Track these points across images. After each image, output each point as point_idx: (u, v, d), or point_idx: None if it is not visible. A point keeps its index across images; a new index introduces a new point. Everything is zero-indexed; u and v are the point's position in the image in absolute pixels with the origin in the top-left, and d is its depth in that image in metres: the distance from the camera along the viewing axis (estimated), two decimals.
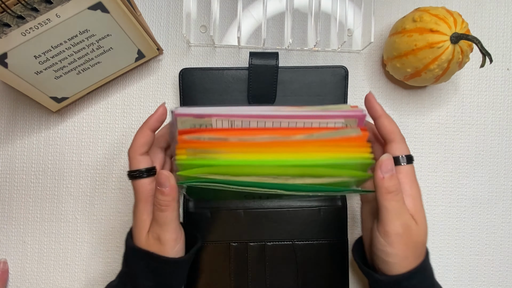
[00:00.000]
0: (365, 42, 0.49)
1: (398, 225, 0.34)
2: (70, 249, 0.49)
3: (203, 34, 0.49)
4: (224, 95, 0.47)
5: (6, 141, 0.49)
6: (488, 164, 0.51)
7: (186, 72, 0.46)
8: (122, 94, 0.49)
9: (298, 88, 0.47)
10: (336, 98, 0.47)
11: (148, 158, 0.37)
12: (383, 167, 0.34)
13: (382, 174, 0.34)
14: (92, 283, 0.49)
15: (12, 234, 0.49)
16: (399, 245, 0.34)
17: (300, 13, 0.50)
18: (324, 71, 0.47)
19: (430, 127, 0.51)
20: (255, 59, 0.46)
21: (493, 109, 0.51)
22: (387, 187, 0.34)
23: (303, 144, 0.34)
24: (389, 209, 0.34)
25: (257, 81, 0.46)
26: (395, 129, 0.37)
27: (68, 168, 0.49)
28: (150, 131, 0.36)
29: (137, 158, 0.36)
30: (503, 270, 0.51)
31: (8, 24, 0.36)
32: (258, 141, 0.33)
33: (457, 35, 0.40)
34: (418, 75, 0.44)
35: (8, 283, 0.48)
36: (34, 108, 0.49)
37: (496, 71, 0.51)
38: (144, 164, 0.36)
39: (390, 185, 0.34)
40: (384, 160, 0.35)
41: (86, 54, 0.42)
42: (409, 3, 0.51)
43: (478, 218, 0.51)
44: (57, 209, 0.49)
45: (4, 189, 0.49)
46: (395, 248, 0.34)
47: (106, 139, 0.49)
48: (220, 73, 0.47)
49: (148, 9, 0.49)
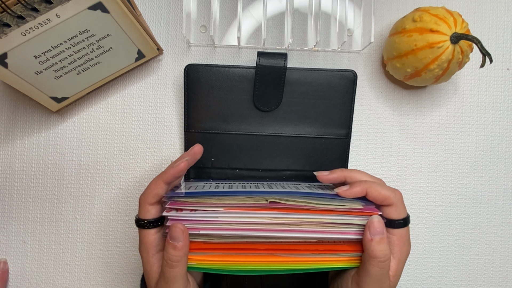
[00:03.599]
0: (365, 42, 0.49)
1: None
2: (70, 249, 0.49)
3: (203, 34, 0.49)
4: (229, 93, 0.46)
5: (6, 141, 0.49)
6: (488, 164, 0.51)
7: (191, 68, 0.46)
8: (122, 94, 0.49)
9: (305, 90, 0.46)
10: (343, 102, 0.46)
11: (157, 208, 0.36)
12: (371, 229, 0.33)
13: (371, 236, 0.33)
14: (92, 283, 0.49)
15: (12, 234, 0.49)
16: None
17: (300, 13, 0.50)
18: (332, 74, 0.46)
19: (430, 127, 0.51)
20: (263, 59, 0.45)
21: (493, 109, 0.51)
22: (373, 251, 0.32)
23: (300, 261, 0.35)
24: (370, 274, 0.33)
25: (263, 81, 0.46)
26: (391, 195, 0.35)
27: (68, 168, 0.49)
28: (164, 184, 0.35)
29: (146, 207, 0.35)
30: (503, 270, 0.51)
31: (8, 24, 0.36)
32: (256, 256, 0.34)
33: (457, 35, 0.40)
34: (418, 75, 0.44)
35: (8, 283, 0.48)
36: (34, 108, 0.49)
37: (496, 71, 0.51)
38: (152, 214, 0.35)
39: (377, 249, 0.32)
40: (374, 222, 0.33)
41: (86, 54, 0.42)
42: (409, 3, 0.51)
43: (478, 218, 0.51)
44: (57, 209, 0.49)
45: (4, 189, 0.49)
46: None
47: (106, 139, 0.49)
48: (226, 70, 0.46)
49: (148, 9, 0.49)
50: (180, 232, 0.32)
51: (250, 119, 0.46)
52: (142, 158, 0.49)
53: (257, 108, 0.46)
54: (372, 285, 0.33)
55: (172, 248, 0.32)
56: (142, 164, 0.49)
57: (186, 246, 0.33)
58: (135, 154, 0.49)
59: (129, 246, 0.49)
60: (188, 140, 0.47)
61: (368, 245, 0.33)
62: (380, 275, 0.33)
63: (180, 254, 0.32)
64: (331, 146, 0.47)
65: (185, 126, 0.47)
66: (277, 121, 0.47)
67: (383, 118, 0.50)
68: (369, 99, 0.50)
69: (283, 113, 0.46)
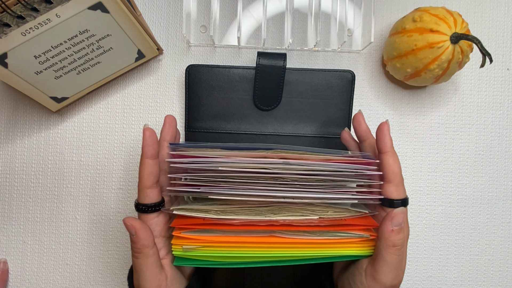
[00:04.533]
0: (365, 42, 0.49)
1: (391, 278, 0.34)
2: (70, 249, 0.49)
3: (203, 34, 0.49)
4: (230, 93, 0.46)
5: (6, 141, 0.49)
6: (488, 164, 0.51)
7: (192, 68, 0.46)
8: (122, 94, 0.49)
9: (304, 90, 0.47)
10: (342, 102, 0.47)
11: (156, 191, 0.35)
12: (394, 220, 0.33)
13: (392, 226, 0.33)
14: (92, 283, 0.49)
15: (12, 234, 0.49)
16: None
17: (300, 13, 0.50)
18: (331, 74, 0.47)
19: (430, 127, 0.51)
20: (262, 59, 0.46)
21: (493, 109, 0.51)
22: (393, 240, 0.33)
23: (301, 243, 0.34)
24: (388, 262, 0.33)
25: (263, 81, 0.46)
26: (397, 170, 0.35)
27: (68, 168, 0.49)
28: (149, 159, 0.34)
29: (145, 191, 0.35)
30: (503, 270, 0.51)
31: (8, 24, 0.36)
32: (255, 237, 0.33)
33: (457, 35, 0.40)
34: (418, 75, 0.44)
35: (8, 283, 0.48)
36: (34, 108, 0.49)
37: (496, 71, 0.51)
38: (151, 198, 0.35)
39: (397, 238, 0.33)
40: (398, 213, 0.33)
41: (86, 54, 0.42)
42: (409, 3, 0.51)
43: (478, 218, 0.51)
44: (57, 209, 0.49)
45: (4, 189, 0.49)
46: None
47: (106, 139, 0.49)
48: (227, 71, 0.47)
49: (148, 9, 0.49)
50: (130, 227, 0.33)
51: (250, 118, 0.47)
52: None
53: (257, 107, 0.47)
54: (390, 273, 0.34)
55: (130, 240, 0.34)
56: None
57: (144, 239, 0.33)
58: (135, 154, 0.49)
59: (129, 246, 0.49)
60: (189, 140, 0.47)
61: (387, 234, 0.33)
62: (397, 262, 0.34)
63: (137, 246, 0.33)
64: (330, 145, 0.47)
65: (186, 126, 0.47)
66: (277, 121, 0.47)
67: (383, 118, 0.50)
68: (369, 99, 0.50)
69: (282, 112, 0.47)
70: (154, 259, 0.34)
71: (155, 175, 0.35)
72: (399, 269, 0.34)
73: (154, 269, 0.34)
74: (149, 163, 0.34)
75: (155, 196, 0.35)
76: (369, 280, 0.34)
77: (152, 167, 0.34)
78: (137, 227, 0.33)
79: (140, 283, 0.34)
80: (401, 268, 0.34)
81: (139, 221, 0.33)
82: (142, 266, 0.34)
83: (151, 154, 0.34)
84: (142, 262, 0.34)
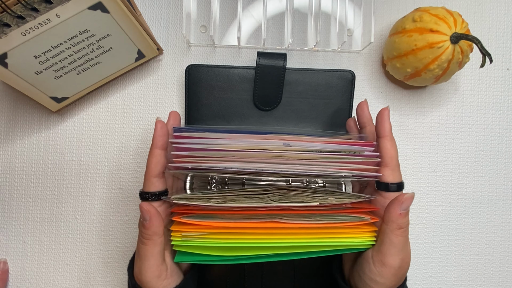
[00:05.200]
0: (365, 42, 0.49)
1: (398, 259, 0.34)
2: (70, 249, 0.49)
3: (203, 34, 0.49)
4: (230, 93, 0.47)
5: (6, 141, 0.49)
6: (488, 164, 0.51)
7: (192, 68, 0.46)
8: (122, 94, 0.49)
9: (304, 90, 0.47)
10: (342, 102, 0.47)
11: (161, 181, 0.36)
12: (404, 205, 0.34)
13: (401, 210, 0.34)
14: (92, 283, 0.49)
15: (12, 234, 0.49)
16: (391, 277, 0.34)
17: (300, 13, 0.50)
18: (331, 74, 0.47)
19: (430, 127, 0.51)
20: (262, 59, 0.46)
21: (493, 109, 0.51)
22: (400, 223, 0.34)
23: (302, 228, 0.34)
24: (395, 244, 0.34)
25: (263, 81, 0.46)
26: (394, 155, 0.36)
27: (68, 168, 0.49)
28: (158, 149, 0.36)
29: (150, 180, 0.36)
30: (503, 270, 0.51)
31: (8, 24, 0.36)
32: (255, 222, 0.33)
33: (457, 35, 0.40)
34: (418, 75, 0.44)
35: (8, 283, 0.48)
36: (34, 108, 0.49)
37: (496, 71, 0.51)
38: (157, 187, 0.36)
39: (403, 221, 0.34)
40: (407, 198, 0.34)
41: (86, 54, 0.42)
42: (409, 3, 0.51)
43: (478, 218, 0.51)
44: (57, 209, 0.49)
45: (4, 189, 0.49)
46: (386, 279, 0.34)
47: (106, 139, 0.49)
48: (227, 71, 0.47)
49: (148, 9, 0.49)
50: (145, 212, 0.34)
51: (250, 118, 0.47)
52: (142, 158, 0.49)
53: (257, 107, 0.47)
54: (397, 255, 0.34)
55: (141, 225, 0.34)
56: (142, 164, 0.49)
57: (156, 226, 0.34)
58: (135, 154, 0.49)
59: (129, 246, 0.49)
60: None
61: (395, 218, 0.34)
62: (403, 243, 0.35)
63: (148, 232, 0.34)
64: None
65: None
66: (277, 120, 0.47)
67: None
68: (369, 99, 0.50)
69: (282, 112, 0.47)
70: (160, 248, 0.35)
71: (162, 165, 0.36)
72: (406, 250, 0.35)
73: (158, 258, 0.35)
74: (158, 153, 0.36)
75: (160, 185, 0.36)
76: (378, 266, 0.35)
77: (160, 157, 0.36)
78: (152, 212, 0.34)
79: (141, 271, 0.35)
80: (407, 250, 0.35)
81: (154, 208, 0.34)
82: (147, 253, 0.34)
83: (160, 144, 0.36)
84: (149, 249, 0.34)
